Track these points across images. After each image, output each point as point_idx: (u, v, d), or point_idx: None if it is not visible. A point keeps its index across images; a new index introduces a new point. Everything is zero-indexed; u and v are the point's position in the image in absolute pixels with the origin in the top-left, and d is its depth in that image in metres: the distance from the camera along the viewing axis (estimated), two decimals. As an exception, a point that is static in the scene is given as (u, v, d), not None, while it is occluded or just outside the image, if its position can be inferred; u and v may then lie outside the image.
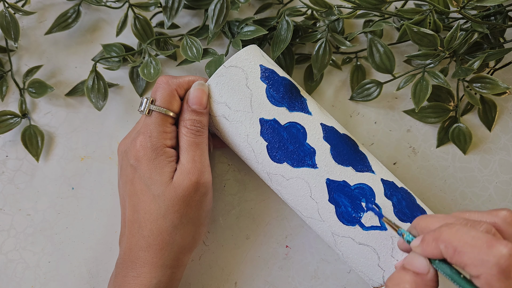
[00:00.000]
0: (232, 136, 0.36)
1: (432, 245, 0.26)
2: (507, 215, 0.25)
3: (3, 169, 0.43)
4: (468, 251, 0.23)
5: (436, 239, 0.25)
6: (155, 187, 0.33)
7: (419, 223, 0.29)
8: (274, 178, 0.36)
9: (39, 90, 0.43)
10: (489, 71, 0.44)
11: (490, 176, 0.42)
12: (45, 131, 0.43)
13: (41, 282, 0.41)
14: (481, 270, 0.23)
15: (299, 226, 0.41)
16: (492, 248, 0.23)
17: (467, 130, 0.42)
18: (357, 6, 0.38)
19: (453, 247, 0.24)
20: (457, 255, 0.24)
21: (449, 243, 0.25)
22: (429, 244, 0.26)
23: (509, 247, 0.23)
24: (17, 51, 0.46)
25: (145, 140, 0.34)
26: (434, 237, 0.26)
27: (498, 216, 0.25)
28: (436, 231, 0.26)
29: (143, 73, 0.40)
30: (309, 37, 0.43)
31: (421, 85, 0.40)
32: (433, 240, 0.26)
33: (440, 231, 0.25)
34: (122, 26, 0.44)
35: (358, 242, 0.34)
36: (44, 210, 0.42)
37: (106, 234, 0.42)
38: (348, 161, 0.35)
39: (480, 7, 0.38)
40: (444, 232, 0.25)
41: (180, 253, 0.35)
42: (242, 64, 0.35)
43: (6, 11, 0.43)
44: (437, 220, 0.27)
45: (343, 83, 0.45)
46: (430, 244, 0.26)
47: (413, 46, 0.45)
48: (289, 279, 0.41)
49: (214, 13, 0.40)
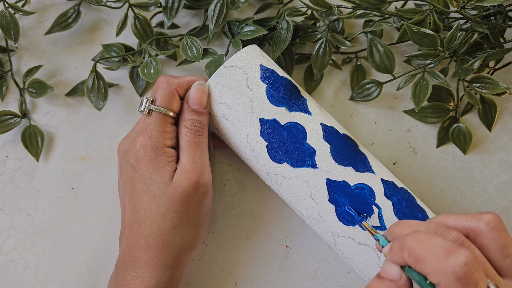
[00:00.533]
0: (232, 136, 0.36)
1: (398, 253, 0.26)
2: (491, 219, 0.25)
3: (3, 169, 0.43)
4: (429, 260, 0.24)
5: (401, 247, 0.25)
6: (155, 187, 0.33)
7: (394, 230, 0.28)
8: (274, 178, 0.36)
9: (39, 90, 0.43)
10: (489, 71, 0.44)
11: (490, 176, 0.42)
12: (45, 131, 0.43)
13: (41, 282, 0.41)
14: (440, 279, 0.23)
15: (299, 226, 0.41)
16: (449, 257, 0.23)
17: (467, 130, 0.42)
18: (357, 6, 0.38)
19: (415, 255, 0.24)
20: (418, 264, 0.24)
21: (411, 251, 0.25)
22: (395, 252, 0.26)
23: (466, 255, 0.22)
24: (17, 51, 0.46)
25: (145, 140, 0.34)
26: (399, 245, 0.26)
27: (482, 219, 0.25)
28: (401, 239, 0.26)
29: (143, 73, 0.40)
30: (309, 37, 0.43)
31: (421, 85, 0.40)
32: (398, 249, 0.26)
33: (404, 240, 0.25)
34: (122, 26, 0.44)
35: (358, 242, 0.34)
36: (44, 210, 0.42)
37: (106, 234, 0.42)
38: (348, 161, 0.35)
39: (480, 7, 0.38)
40: (408, 241, 0.25)
41: (180, 253, 0.35)
42: (242, 64, 0.35)
43: (6, 11, 0.43)
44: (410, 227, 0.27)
45: (343, 83, 0.45)
46: (396, 252, 0.26)
47: (413, 46, 0.45)
48: (289, 279, 0.41)
49: (214, 13, 0.40)
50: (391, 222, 0.33)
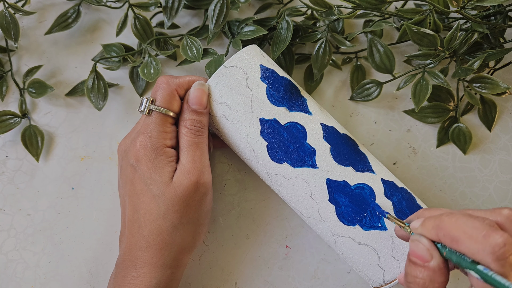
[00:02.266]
0: (232, 136, 0.36)
1: (431, 231, 0.26)
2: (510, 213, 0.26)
3: (3, 169, 0.43)
4: (466, 240, 0.24)
5: (436, 227, 0.26)
6: (155, 187, 0.33)
7: (424, 213, 0.29)
8: (274, 178, 0.36)
9: (39, 90, 0.43)
10: (489, 71, 0.44)
11: (490, 176, 0.42)
12: (45, 131, 0.43)
13: (41, 282, 0.41)
14: (478, 258, 0.24)
15: (299, 226, 0.41)
16: (487, 238, 0.23)
17: (467, 130, 0.42)
18: (357, 6, 0.38)
19: (451, 235, 0.25)
20: (455, 243, 0.25)
21: (447, 231, 0.25)
22: (428, 230, 0.26)
23: (504, 237, 0.23)
24: (17, 51, 0.46)
25: (145, 140, 0.34)
26: (434, 224, 0.26)
27: (501, 214, 0.26)
28: (437, 218, 0.26)
29: (143, 73, 0.40)
30: (309, 37, 0.43)
31: (421, 85, 0.40)
32: (432, 227, 0.26)
33: (441, 219, 0.26)
34: (122, 26, 0.44)
35: (358, 242, 0.34)
36: (44, 210, 0.42)
37: (106, 234, 0.42)
38: (348, 161, 0.35)
39: (480, 7, 0.38)
40: (444, 221, 0.26)
41: (180, 253, 0.35)
42: (242, 64, 0.35)
43: (6, 11, 0.43)
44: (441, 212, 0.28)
45: (343, 83, 0.45)
46: (430, 230, 0.26)
47: (413, 46, 0.45)
48: (289, 279, 0.41)
49: (214, 13, 0.40)
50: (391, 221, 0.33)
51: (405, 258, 0.33)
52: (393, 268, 0.34)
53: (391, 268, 0.34)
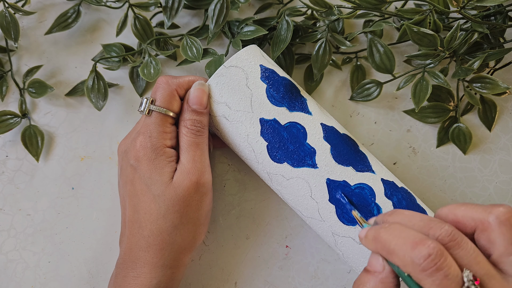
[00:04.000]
0: (232, 136, 0.36)
1: (372, 243, 0.26)
2: (502, 212, 0.24)
3: (3, 169, 0.43)
4: (398, 251, 0.24)
5: (375, 239, 0.26)
6: (155, 187, 0.33)
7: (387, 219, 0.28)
8: (274, 178, 0.36)
9: (39, 90, 0.43)
10: (489, 71, 0.44)
11: (490, 176, 0.42)
12: (45, 131, 0.43)
13: (41, 282, 0.41)
14: (409, 269, 0.23)
15: (299, 226, 0.41)
16: (415, 248, 0.23)
17: (467, 130, 0.42)
18: (357, 6, 0.38)
19: (387, 247, 0.25)
20: (390, 256, 0.25)
21: (384, 243, 0.25)
22: (369, 242, 0.26)
23: (431, 247, 0.23)
24: (17, 51, 0.46)
25: (145, 140, 0.34)
26: (373, 236, 0.26)
27: (492, 212, 0.25)
28: (377, 230, 0.26)
29: (143, 73, 0.40)
30: (309, 37, 0.43)
31: (421, 85, 0.40)
32: (372, 239, 0.26)
33: (379, 231, 0.26)
34: (122, 26, 0.44)
35: (358, 242, 0.34)
36: (44, 210, 0.42)
37: (106, 234, 0.42)
38: (348, 161, 0.35)
39: (480, 7, 0.38)
40: (381, 233, 0.25)
41: (180, 253, 0.35)
42: (242, 64, 0.35)
43: (6, 11, 0.43)
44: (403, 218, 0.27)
45: (343, 83, 0.45)
46: (370, 242, 0.26)
47: (413, 46, 0.45)
48: (289, 279, 0.41)
49: (214, 13, 0.40)
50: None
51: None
52: (393, 268, 0.34)
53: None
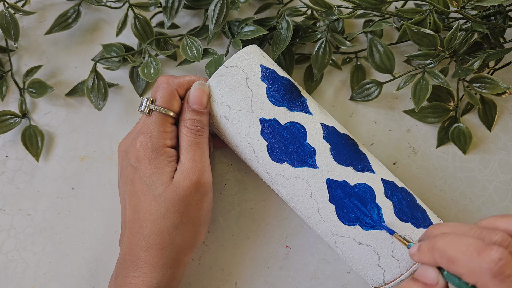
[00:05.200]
0: (233, 136, 0.36)
1: (427, 254, 0.25)
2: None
3: (3, 169, 0.43)
4: (461, 259, 0.23)
5: (431, 248, 0.25)
6: (155, 187, 0.33)
7: (432, 232, 0.28)
8: (274, 178, 0.36)
9: (39, 90, 0.43)
10: (489, 71, 0.44)
11: (490, 176, 0.42)
12: (45, 131, 0.43)
13: (41, 282, 0.41)
14: (476, 277, 0.23)
15: (299, 226, 0.41)
16: (482, 254, 0.22)
17: (467, 130, 0.42)
18: (357, 6, 0.38)
19: (447, 256, 0.24)
20: (451, 264, 0.24)
21: (442, 252, 0.24)
22: (425, 253, 0.26)
23: (499, 252, 0.22)
24: (17, 51, 0.46)
25: (145, 140, 0.34)
26: (429, 246, 0.25)
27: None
28: (431, 240, 0.25)
29: (143, 73, 0.40)
30: (309, 37, 0.43)
31: (421, 85, 0.40)
32: (428, 250, 0.25)
33: (435, 240, 0.25)
34: (122, 26, 0.44)
35: (358, 242, 0.34)
36: (44, 210, 0.42)
37: (106, 234, 0.42)
38: (348, 161, 0.35)
39: (480, 7, 0.38)
40: (438, 241, 0.25)
41: (181, 253, 0.35)
42: (242, 64, 0.35)
43: (6, 11, 0.43)
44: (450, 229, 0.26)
45: (343, 83, 0.45)
46: (426, 253, 0.26)
47: (413, 46, 0.45)
48: (289, 279, 0.41)
49: (214, 13, 0.40)
50: (391, 221, 0.33)
51: (405, 257, 0.33)
52: (393, 268, 0.34)
53: (391, 268, 0.34)
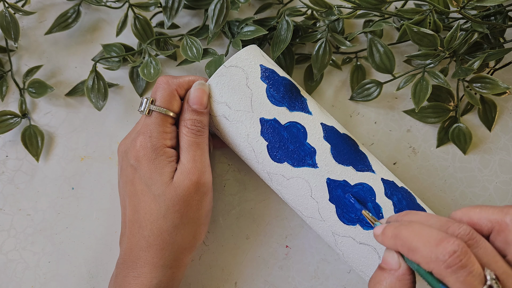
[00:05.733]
0: (233, 136, 0.36)
1: (391, 241, 0.27)
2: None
3: (3, 169, 0.43)
4: (421, 249, 0.24)
5: (395, 236, 0.26)
6: (155, 187, 0.33)
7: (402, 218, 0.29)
8: (274, 178, 0.36)
9: (39, 90, 0.43)
10: (489, 71, 0.44)
11: (490, 176, 0.42)
12: (45, 131, 0.43)
13: (41, 282, 0.41)
14: (432, 266, 0.24)
15: (299, 226, 0.41)
16: (439, 246, 0.24)
17: (467, 130, 0.42)
18: (357, 6, 0.38)
19: (408, 245, 0.25)
20: (411, 253, 0.25)
21: (404, 241, 0.25)
22: (388, 239, 0.27)
23: (455, 244, 0.23)
24: (17, 51, 0.46)
25: (145, 140, 0.34)
26: (393, 233, 0.27)
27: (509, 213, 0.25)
28: (396, 228, 0.26)
29: (143, 73, 0.40)
30: (309, 37, 0.43)
31: (421, 85, 0.40)
32: (391, 237, 0.27)
33: (399, 229, 0.26)
34: (122, 26, 0.44)
35: (358, 242, 0.34)
36: (44, 210, 0.42)
37: (106, 234, 0.42)
38: (348, 161, 0.35)
39: (480, 7, 0.38)
40: (402, 231, 0.26)
41: (181, 253, 0.35)
42: (242, 64, 0.35)
43: (6, 11, 0.43)
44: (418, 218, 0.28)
45: (343, 83, 0.45)
46: (389, 239, 0.27)
47: (413, 46, 0.45)
48: (289, 279, 0.41)
49: (214, 13, 0.40)
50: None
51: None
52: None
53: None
